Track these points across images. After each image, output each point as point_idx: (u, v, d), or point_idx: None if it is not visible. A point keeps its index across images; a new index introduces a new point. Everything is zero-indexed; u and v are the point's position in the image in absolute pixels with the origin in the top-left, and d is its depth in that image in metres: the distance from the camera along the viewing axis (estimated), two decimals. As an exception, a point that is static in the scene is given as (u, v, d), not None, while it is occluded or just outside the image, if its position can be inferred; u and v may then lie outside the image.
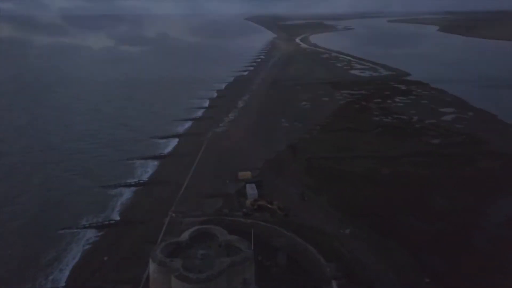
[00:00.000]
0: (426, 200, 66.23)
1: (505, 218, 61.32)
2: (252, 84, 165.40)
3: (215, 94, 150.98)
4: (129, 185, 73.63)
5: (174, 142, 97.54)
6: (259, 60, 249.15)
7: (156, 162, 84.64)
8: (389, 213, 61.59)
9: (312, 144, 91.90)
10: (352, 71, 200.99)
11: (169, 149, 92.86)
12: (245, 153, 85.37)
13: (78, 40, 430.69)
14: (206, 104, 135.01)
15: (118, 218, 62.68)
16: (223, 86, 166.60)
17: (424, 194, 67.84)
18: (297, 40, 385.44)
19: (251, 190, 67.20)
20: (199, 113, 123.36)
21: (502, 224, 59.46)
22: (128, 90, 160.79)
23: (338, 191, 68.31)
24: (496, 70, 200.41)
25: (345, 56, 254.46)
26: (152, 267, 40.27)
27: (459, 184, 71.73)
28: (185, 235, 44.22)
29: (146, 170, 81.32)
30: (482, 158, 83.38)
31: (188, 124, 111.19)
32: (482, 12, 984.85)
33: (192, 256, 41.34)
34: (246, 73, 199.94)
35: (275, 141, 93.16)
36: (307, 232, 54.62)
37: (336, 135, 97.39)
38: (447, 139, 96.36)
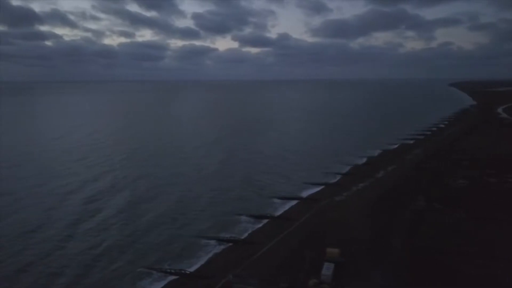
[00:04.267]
0: None
1: None
2: (409, 153, 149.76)
3: (363, 160, 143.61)
4: (223, 240, 75.66)
5: (290, 204, 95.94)
6: (436, 128, 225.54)
7: (260, 221, 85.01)
8: None
9: (438, 231, 75.52)
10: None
11: (280, 210, 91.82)
12: (350, 228, 76.57)
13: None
14: (347, 170, 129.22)
15: (192, 269, 64.88)
16: (376, 152, 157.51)
17: None
18: (499, 109, 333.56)
19: (326, 271, 59.42)
20: (334, 178, 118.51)
21: None
22: (277, 147, 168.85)
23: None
24: None
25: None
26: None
27: None
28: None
29: (247, 227, 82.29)
30: None
31: (315, 189, 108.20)
32: None
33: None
34: (411, 141, 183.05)
35: (393, 222, 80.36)
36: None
37: (479, 226, 77.64)
38: None
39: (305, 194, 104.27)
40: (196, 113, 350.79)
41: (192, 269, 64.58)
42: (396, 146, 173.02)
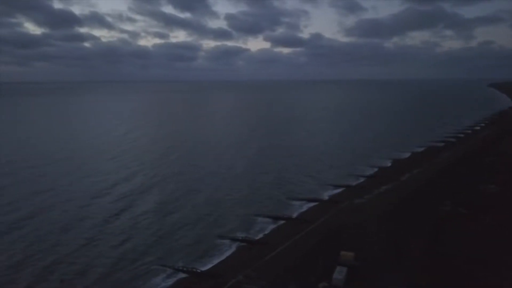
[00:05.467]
0: None
1: None
2: (438, 157, 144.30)
3: (389, 163, 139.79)
4: (238, 240, 75.61)
5: (308, 205, 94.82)
6: (471, 130, 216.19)
7: (277, 222, 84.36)
8: None
9: (462, 238, 72.09)
10: None
11: (297, 212, 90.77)
12: (367, 232, 74.45)
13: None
14: (371, 172, 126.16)
15: (204, 268, 65.14)
16: (404, 155, 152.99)
17: None
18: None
19: (338, 274, 57.95)
20: (357, 180, 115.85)
21: None
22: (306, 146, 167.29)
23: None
24: None
25: None
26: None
27: None
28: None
29: (263, 228, 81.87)
30: None
31: (336, 191, 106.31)
32: None
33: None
34: (442, 144, 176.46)
35: (414, 227, 77.51)
36: None
37: (507, 235, 73.51)
38: None
39: (325, 195, 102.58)
40: (228, 112, 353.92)
41: (204, 268, 64.89)
42: (425, 148, 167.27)
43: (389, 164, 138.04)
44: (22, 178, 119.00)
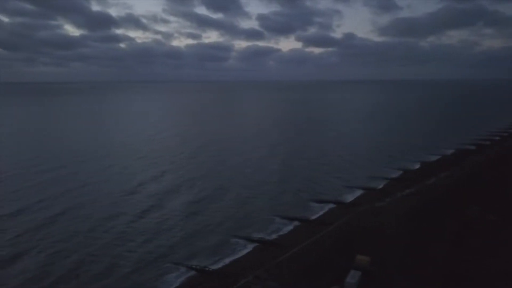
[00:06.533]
0: None
1: None
2: (468, 160, 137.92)
3: (416, 165, 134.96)
4: (253, 240, 74.98)
5: (328, 207, 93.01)
6: (507, 134, 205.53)
7: (294, 223, 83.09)
8: None
9: (488, 246, 68.24)
10: None
11: (316, 214, 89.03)
12: (386, 236, 71.84)
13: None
14: (396, 175, 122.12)
15: (216, 267, 64.95)
16: (434, 158, 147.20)
17: None
18: None
19: (351, 279, 56.15)
20: (380, 183, 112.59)
21: None
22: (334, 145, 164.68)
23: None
24: None
25: None
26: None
27: None
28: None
29: (279, 228, 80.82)
30: None
31: (358, 193, 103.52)
32: None
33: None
34: (474, 147, 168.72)
35: (436, 233, 74.07)
36: None
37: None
38: None
39: (347, 197, 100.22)
40: (258, 112, 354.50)
41: (215, 267, 64.67)
42: (455, 151, 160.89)
43: (417, 167, 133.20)
44: (56, 176, 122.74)
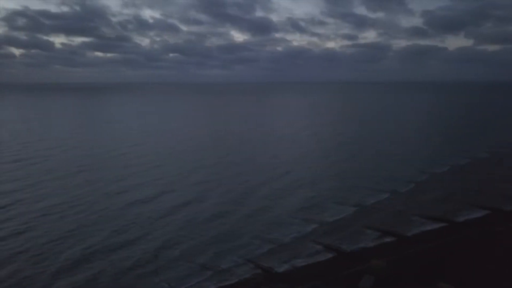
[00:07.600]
0: None
1: None
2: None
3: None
4: (332, 248, 71.86)
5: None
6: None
7: (385, 238, 75.79)
8: None
9: None
10: None
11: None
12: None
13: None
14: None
15: (280, 270, 64.39)
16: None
17: None
18: None
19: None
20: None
21: None
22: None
23: None
24: None
25: None
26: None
27: None
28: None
29: (367, 240, 74.91)
30: None
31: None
32: None
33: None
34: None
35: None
36: None
37: None
38: None
39: (459, 218, 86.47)
40: (405, 116, 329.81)
41: (280, 270, 64.39)
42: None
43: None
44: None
